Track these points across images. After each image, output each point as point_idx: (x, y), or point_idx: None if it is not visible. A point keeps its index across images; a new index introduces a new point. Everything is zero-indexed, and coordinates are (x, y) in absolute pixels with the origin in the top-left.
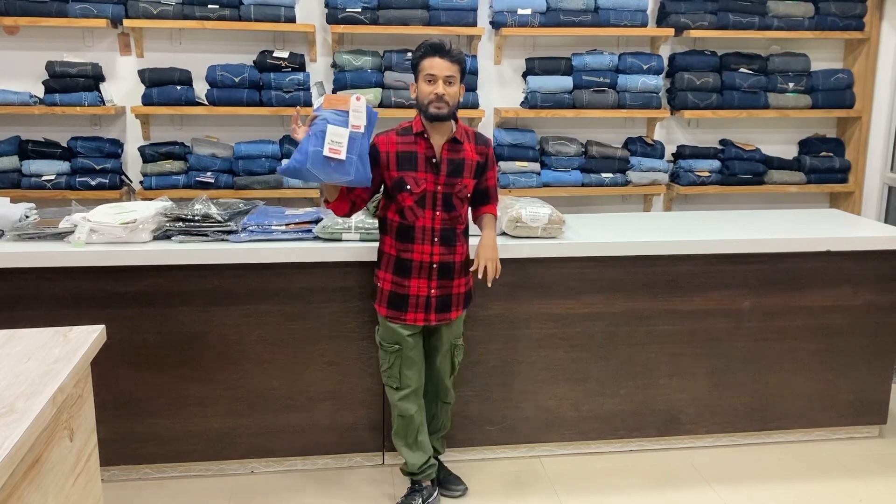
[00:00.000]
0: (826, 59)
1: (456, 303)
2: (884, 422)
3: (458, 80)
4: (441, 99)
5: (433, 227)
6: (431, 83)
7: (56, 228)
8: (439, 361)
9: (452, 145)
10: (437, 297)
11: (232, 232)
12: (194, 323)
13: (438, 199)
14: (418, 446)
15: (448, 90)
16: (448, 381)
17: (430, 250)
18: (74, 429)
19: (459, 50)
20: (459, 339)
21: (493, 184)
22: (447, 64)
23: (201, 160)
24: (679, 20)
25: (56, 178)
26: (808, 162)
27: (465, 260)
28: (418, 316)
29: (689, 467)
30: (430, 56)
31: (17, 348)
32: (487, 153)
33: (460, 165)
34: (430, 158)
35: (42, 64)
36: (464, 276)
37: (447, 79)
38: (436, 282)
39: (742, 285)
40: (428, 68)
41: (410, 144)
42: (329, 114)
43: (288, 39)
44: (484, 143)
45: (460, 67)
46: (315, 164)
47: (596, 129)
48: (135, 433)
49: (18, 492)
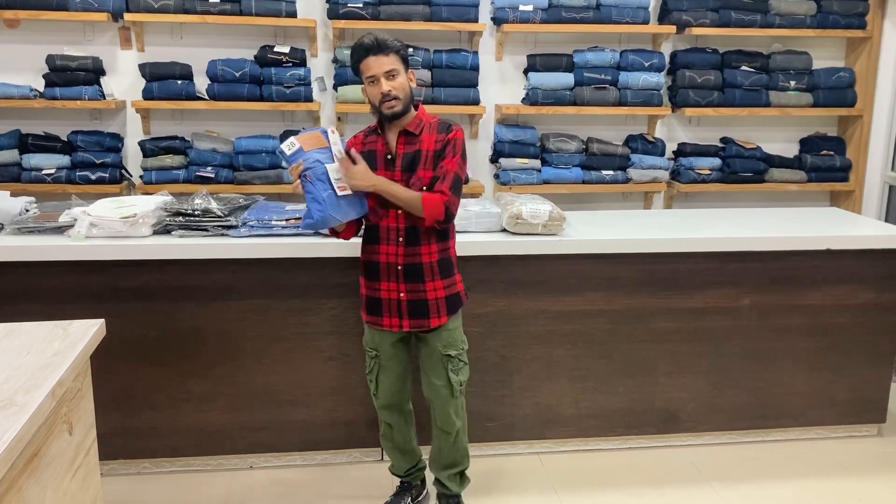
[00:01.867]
0: (828, 57)
1: (434, 309)
2: (883, 421)
3: (402, 69)
4: (389, 96)
5: (397, 226)
6: (374, 84)
7: (56, 222)
8: (431, 377)
9: (407, 138)
10: (407, 300)
11: (232, 227)
12: (194, 318)
13: None
14: (401, 453)
15: (393, 84)
16: (448, 406)
17: (394, 251)
18: (74, 422)
19: (393, 39)
20: (453, 351)
21: (448, 170)
22: (382, 59)
23: (201, 155)
24: (681, 17)
25: (56, 172)
26: (809, 160)
27: (438, 261)
28: (393, 321)
29: (688, 465)
30: (363, 58)
31: (17, 342)
32: (446, 139)
33: (415, 158)
34: (385, 155)
35: (42, 57)
36: (441, 279)
37: (388, 73)
38: (404, 285)
39: (742, 283)
40: (366, 70)
41: (372, 143)
42: (317, 154)
43: (289, 34)
44: (445, 129)
45: (399, 56)
46: (333, 208)
47: (597, 127)
48: (134, 427)
49: (17, 485)
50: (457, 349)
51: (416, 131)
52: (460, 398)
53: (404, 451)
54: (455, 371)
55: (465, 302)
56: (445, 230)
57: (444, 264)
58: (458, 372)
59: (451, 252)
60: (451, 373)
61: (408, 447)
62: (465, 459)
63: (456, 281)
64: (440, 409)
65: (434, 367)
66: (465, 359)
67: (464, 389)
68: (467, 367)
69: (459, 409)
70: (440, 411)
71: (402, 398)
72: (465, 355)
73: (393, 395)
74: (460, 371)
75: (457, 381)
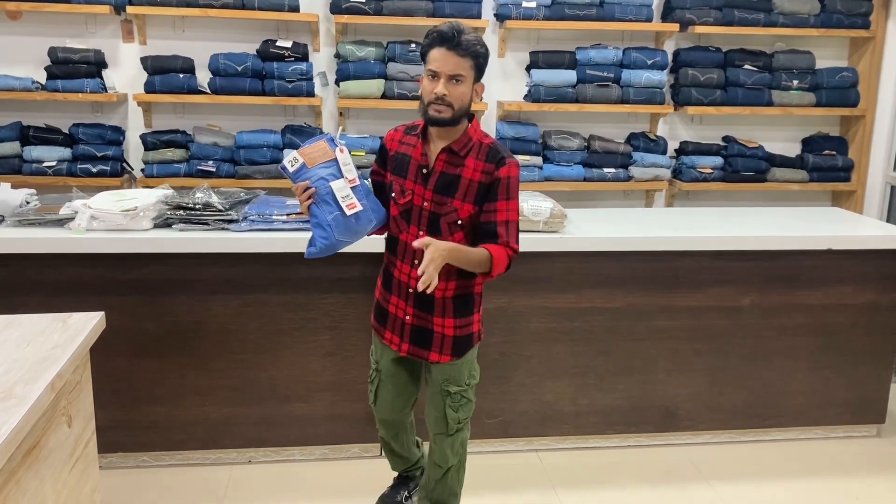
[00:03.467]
0: (831, 56)
1: (438, 343)
2: (882, 421)
3: (470, 79)
4: (442, 101)
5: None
6: (434, 80)
7: (56, 215)
8: (428, 407)
9: (450, 156)
10: (412, 325)
11: (233, 221)
12: (194, 311)
13: (423, 217)
14: (398, 457)
15: (453, 90)
16: (443, 441)
17: (408, 271)
18: (73, 415)
19: (476, 39)
20: (454, 387)
21: (504, 219)
22: (455, 58)
23: (203, 149)
24: (684, 15)
25: (57, 164)
26: (811, 160)
27: (454, 297)
28: (394, 338)
29: (687, 463)
30: (435, 46)
31: (16, 334)
32: (497, 176)
33: (453, 182)
34: (421, 167)
35: (44, 50)
36: (453, 318)
37: (453, 77)
38: (412, 308)
39: (743, 282)
40: (431, 62)
41: (409, 146)
42: (322, 171)
43: (291, 29)
44: (496, 160)
45: (473, 63)
46: (341, 231)
47: (599, 124)
48: (133, 421)
49: (16, 477)
50: (460, 385)
51: (461, 152)
52: (459, 435)
53: (401, 456)
54: (454, 407)
55: (477, 343)
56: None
57: (462, 301)
58: (458, 409)
59: (475, 290)
60: (448, 408)
61: (405, 453)
62: (452, 499)
63: (472, 321)
64: (434, 441)
65: (432, 398)
66: (471, 395)
67: (464, 426)
68: (471, 403)
69: (457, 445)
70: (435, 444)
71: (402, 418)
72: (470, 391)
73: (392, 413)
74: (461, 408)
75: (454, 419)
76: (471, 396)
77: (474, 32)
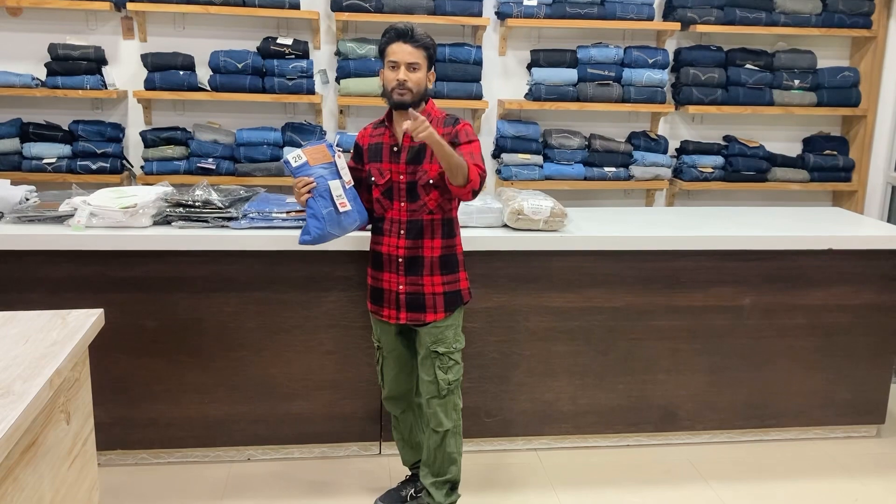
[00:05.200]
0: (832, 56)
1: (431, 304)
2: (882, 422)
3: (424, 67)
4: (403, 85)
5: (400, 219)
6: (394, 69)
7: (56, 211)
8: (420, 373)
9: None
10: (406, 293)
11: (232, 218)
12: (193, 309)
13: (402, 190)
14: (407, 445)
15: (411, 76)
16: (436, 404)
17: (396, 243)
18: (71, 412)
19: (426, 35)
20: (441, 348)
21: (468, 151)
22: (410, 49)
23: (203, 146)
24: (685, 14)
25: (57, 161)
26: (812, 160)
27: (441, 256)
28: (391, 313)
29: (686, 463)
30: (393, 42)
31: (15, 330)
32: (454, 131)
33: (421, 151)
34: (392, 147)
35: (44, 46)
36: (441, 275)
37: (410, 65)
38: (404, 277)
39: (743, 282)
40: (391, 54)
41: (379, 136)
42: (321, 170)
43: (292, 26)
44: (452, 123)
45: (426, 53)
46: (332, 225)
47: (600, 123)
48: (132, 418)
49: (14, 474)
50: (446, 346)
51: None
52: (451, 398)
53: (410, 443)
54: (443, 369)
55: (468, 300)
56: (451, 226)
57: (448, 261)
58: (448, 370)
59: (457, 249)
60: (438, 370)
61: (414, 440)
62: (453, 468)
63: (459, 279)
64: (429, 406)
65: (423, 363)
66: (458, 358)
67: (454, 388)
68: (459, 366)
69: (450, 409)
70: (429, 408)
71: (407, 390)
72: (457, 354)
73: (397, 387)
74: (450, 370)
75: (444, 380)
76: (458, 359)
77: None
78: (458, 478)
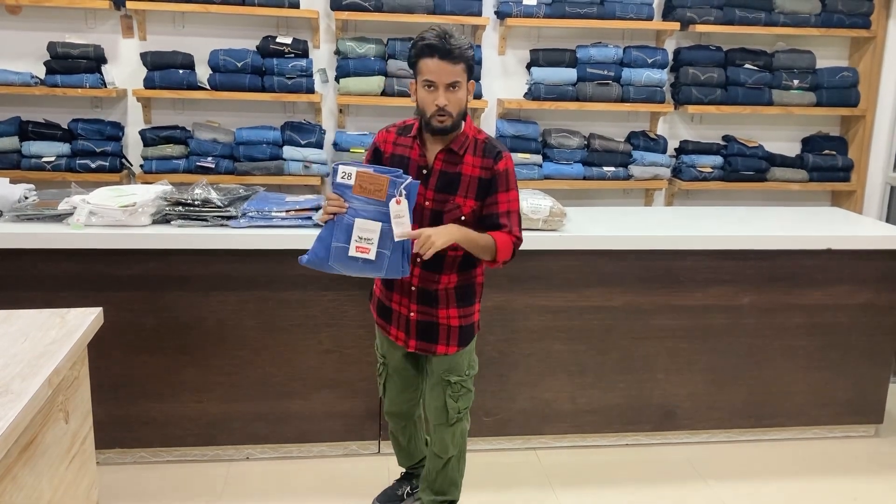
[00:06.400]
0: (832, 56)
1: (445, 336)
2: (880, 421)
3: (465, 82)
4: (443, 111)
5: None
6: (432, 90)
7: (55, 210)
8: (428, 398)
9: (448, 156)
10: (417, 321)
11: (231, 217)
12: (192, 308)
13: (426, 216)
14: (405, 452)
15: (451, 98)
16: (443, 431)
17: (411, 270)
18: (70, 411)
19: (465, 42)
20: (454, 377)
21: (506, 209)
22: (449, 67)
23: (202, 145)
24: (685, 14)
25: (56, 159)
26: (811, 160)
27: (457, 287)
28: (399, 335)
29: (685, 462)
30: (427, 57)
31: (14, 329)
32: (496, 170)
33: (454, 181)
34: (420, 168)
35: (44, 45)
36: (457, 307)
37: (450, 85)
38: (415, 305)
39: (742, 282)
40: (426, 73)
41: (406, 147)
42: (359, 203)
43: (291, 25)
44: (493, 156)
45: (465, 66)
46: (336, 260)
47: (599, 123)
48: (131, 417)
49: (12, 473)
50: (460, 375)
51: (459, 151)
52: (459, 425)
53: (406, 449)
54: (454, 397)
55: (477, 331)
56: (473, 259)
57: (465, 292)
58: (458, 399)
59: (477, 280)
60: (448, 398)
61: (410, 447)
62: (453, 490)
63: (474, 311)
64: (435, 431)
65: (433, 389)
66: (470, 385)
67: (463, 416)
68: (471, 393)
69: (457, 436)
70: (435, 433)
71: (410, 409)
72: (469, 381)
73: (400, 405)
74: (461, 398)
75: (454, 408)
76: (470, 386)
77: (460, 34)
78: (457, 497)
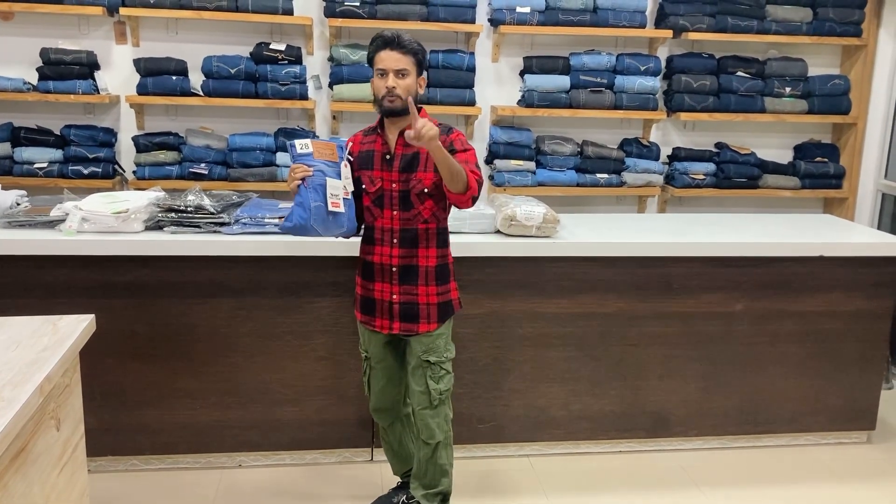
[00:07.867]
0: (823, 64)
1: (425, 314)
2: (872, 428)
3: (414, 73)
4: (392, 93)
5: (392, 227)
6: (383, 77)
7: (47, 216)
8: (411, 383)
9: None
10: (400, 303)
11: (224, 224)
12: (185, 314)
13: (395, 198)
14: (396, 455)
15: (400, 83)
16: (427, 415)
17: (389, 252)
18: (61, 418)
19: (413, 40)
20: (433, 357)
21: (463, 159)
22: (398, 56)
23: (195, 151)
24: (678, 22)
25: (48, 165)
26: (803, 167)
27: (435, 266)
28: (384, 322)
29: (678, 469)
30: (381, 50)
31: (6, 336)
32: (449, 139)
33: (414, 159)
34: (384, 155)
35: (36, 50)
36: (435, 285)
37: (399, 72)
38: (398, 287)
39: (734, 288)
40: (379, 62)
41: (370, 143)
42: (323, 165)
43: (285, 32)
44: (446, 132)
45: (414, 59)
46: (318, 220)
47: (592, 130)
48: (123, 424)
49: (3, 480)
50: (438, 356)
51: None
52: (442, 408)
53: (400, 454)
54: (435, 378)
55: (458, 310)
56: (445, 236)
57: (441, 271)
58: (439, 380)
59: (449, 259)
60: (430, 380)
61: (402, 451)
62: (445, 480)
63: (451, 289)
64: (420, 417)
65: (414, 373)
66: (449, 367)
67: (445, 399)
68: (450, 375)
69: (442, 420)
70: (420, 419)
71: (395, 402)
72: (448, 364)
73: (385, 399)
74: (441, 379)
75: (436, 389)
76: (449, 369)
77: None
78: (449, 489)
